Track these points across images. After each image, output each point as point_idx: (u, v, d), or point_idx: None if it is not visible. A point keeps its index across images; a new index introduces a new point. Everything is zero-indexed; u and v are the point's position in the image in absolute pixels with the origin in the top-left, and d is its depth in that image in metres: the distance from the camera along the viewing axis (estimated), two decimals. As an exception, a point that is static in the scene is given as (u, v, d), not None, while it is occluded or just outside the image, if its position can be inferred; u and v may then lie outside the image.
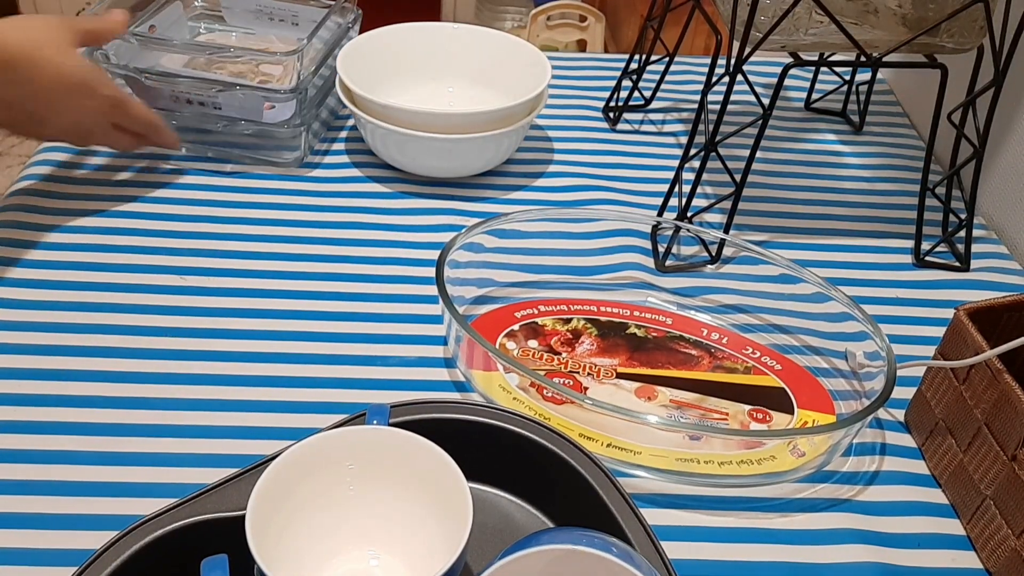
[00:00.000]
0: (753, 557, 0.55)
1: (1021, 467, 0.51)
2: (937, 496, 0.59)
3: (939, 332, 0.61)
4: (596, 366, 0.65)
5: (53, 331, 0.65)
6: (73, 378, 0.62)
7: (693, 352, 0.67)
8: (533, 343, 0.67)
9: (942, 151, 0.88)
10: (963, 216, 0.78)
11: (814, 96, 0.98)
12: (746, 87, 0.84)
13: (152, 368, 0.63)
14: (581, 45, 2.05)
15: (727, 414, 0.62)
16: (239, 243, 0.74)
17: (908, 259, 0.78)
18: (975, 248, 0.79)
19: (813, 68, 0.98)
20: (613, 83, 0.96)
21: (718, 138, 0.72)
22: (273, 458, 0.48)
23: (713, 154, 0.73)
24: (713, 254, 0.75)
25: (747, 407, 0.63)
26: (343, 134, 0.89)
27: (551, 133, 0.91)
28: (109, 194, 0.78)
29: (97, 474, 0.56)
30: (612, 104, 0.94)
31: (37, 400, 0.60)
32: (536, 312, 0.69)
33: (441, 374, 0.65)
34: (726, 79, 0.70)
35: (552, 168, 0.86)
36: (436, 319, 0.69)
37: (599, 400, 0.56)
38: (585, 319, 0.69)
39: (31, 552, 0.52)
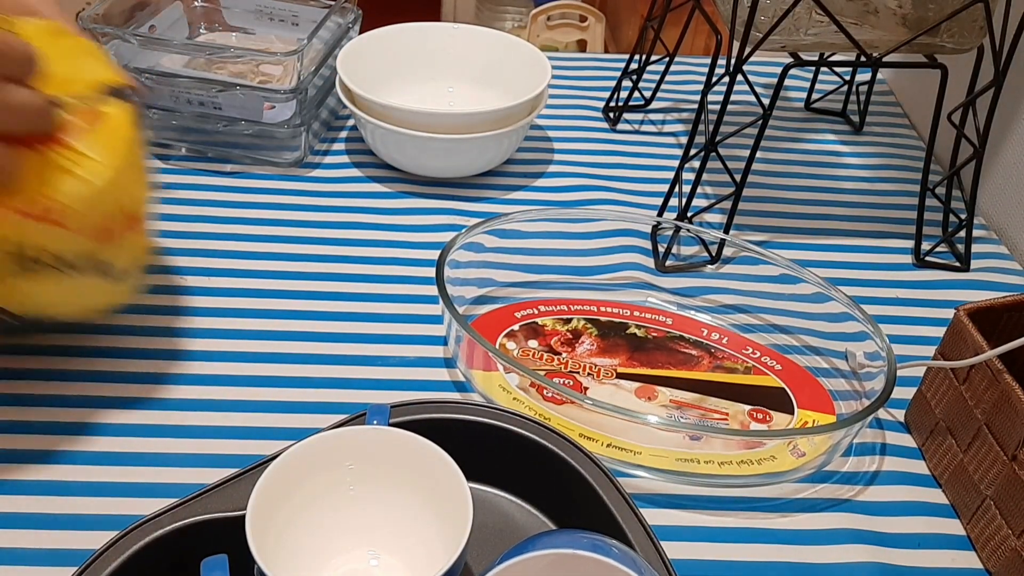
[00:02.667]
0: (753, 557, 0.55)
1: (1021, 467, 0.51)
2: (937, 496, 0.59)
3: (939, 332, 0.61)
4: (596, 366, 0.65)
5: (53, 331, 0.65)
6: (73, 378, 0.62)
7: (693, 352, 0.67)
8: (533, 343, 0.67)
9: (942, 151, 0.88)
10: (963, 216, 0.79)
11: (814, 96, 0.98)
12: (746, 87, 0.84)
13: (151, 368, 0.63)
14: (581, 45, 2.05)
15: (727, 414, 0.62)
16: (239, 243, 0.74)
17: (908, 259, 0.78)
18: (975, 248, 0.79)
19: (813, 68, 0.98)
20: (613, 83, 0.96)
21: (718, 138, 0.72)
22: (273, 458, 0.48)
23: (713, 154, 0.73)
24: (713, 254, 0.75)
25: (747, 407, 0.63)
26: (343, 134, 0.89)
27: (551, 133, 0.91)
28: (109, 194, 0.78)
29: (97, 474, 0.56)
30: (612, 104, 0.94)
31: (37, 400, 0.60)
32: (536, 312, 0.69)
33: (441, 374, 0.65)
34: (726, 79, 0.70)
35: (552, 168, 0.86)
36: (436, 319, 0.69)
37: (599, 400, 0.56)
38: (585, 319, 0.69)
39: (31, 552, 0.52)
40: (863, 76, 0.97)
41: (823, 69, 0.98)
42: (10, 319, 0.54)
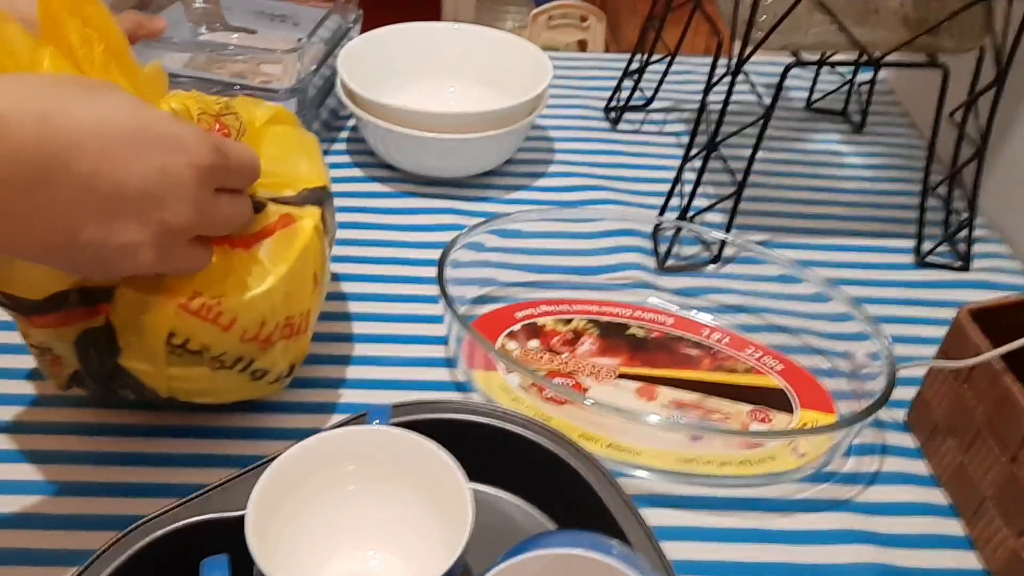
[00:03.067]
0: (753, 557, 0.55)
1: (1021, 468, 0.51)
2: (937, 496, 0.59)
3: (940, 332, 0.61)
4: (597, 366, 0.65)
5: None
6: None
7: (694, 352, 0.67)
8: (534, 343, 0.67)
9: (943, 151, 0.88)
10: (965, 216, 0.78)
11: (815, 96, 0.98)
12: (747, 87, 0.84)
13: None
14: (582, 45, 2.05)
15: (728, 414, 0.62)
16: (240, 243, 0.74)
17: (909, 259, 0.78)
18: (976, 248, 0.79)
19: (814, 68, 0.98)
20: (614, 83, 0.96)
21: (719, 138, 0.72)
22: (273, 458, 0.48)
23: (714, 154, 0.73)
24: (714, 254, 0.75)
25: (748, 407, 0.63)
26: (343, 134, 0.89)
27: (552, 133, 0.91)
28: (110, 194, 0.78)
29: (97, 474, 0.56)
30: (613, 104, 0.94)
31: (37, 400, 0.60)
32: (537, 312, 0.69)
33: (441, 374, 0.65)
34: (727, 79, 0.70)
35: (553, 168, 0.86)
36: (436, 319, 0.69)
37: (600, 400, 0.56)
38: (586, 319, 0.69)
39: (31, 552, 0.52)
40: (864, 76, 0.97)
41: (824, 69, 0.98)
42: (154, 399, 0.55)
